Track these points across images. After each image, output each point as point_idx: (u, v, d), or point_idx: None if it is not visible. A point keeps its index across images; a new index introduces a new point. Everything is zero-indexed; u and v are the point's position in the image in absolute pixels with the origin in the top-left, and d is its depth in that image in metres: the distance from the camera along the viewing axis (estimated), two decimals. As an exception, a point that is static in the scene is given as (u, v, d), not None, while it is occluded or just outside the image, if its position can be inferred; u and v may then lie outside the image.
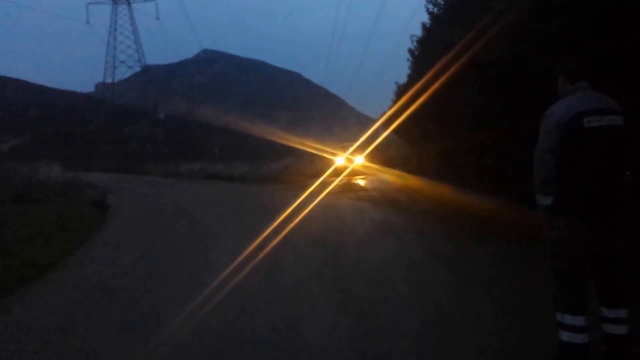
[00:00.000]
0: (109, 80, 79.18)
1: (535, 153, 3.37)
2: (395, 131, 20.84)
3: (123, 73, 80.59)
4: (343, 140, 28.54)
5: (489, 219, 8.48)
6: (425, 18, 11.14)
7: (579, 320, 3.20)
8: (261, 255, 7.30)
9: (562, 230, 3.32)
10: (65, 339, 4.30)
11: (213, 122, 76.50)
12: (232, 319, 4.62)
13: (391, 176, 21.79)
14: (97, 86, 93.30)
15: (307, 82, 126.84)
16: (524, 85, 6.15)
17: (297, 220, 10.56)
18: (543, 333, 3.80)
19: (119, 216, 12.07)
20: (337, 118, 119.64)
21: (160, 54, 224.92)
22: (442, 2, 10.17)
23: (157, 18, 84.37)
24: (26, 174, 20.48)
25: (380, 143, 23.74)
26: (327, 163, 23.52)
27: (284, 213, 11.50)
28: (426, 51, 10.97)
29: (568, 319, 3.23)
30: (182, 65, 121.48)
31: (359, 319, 4.45)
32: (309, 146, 26.47)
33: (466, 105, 8.20)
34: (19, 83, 76.47)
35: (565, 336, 3.23)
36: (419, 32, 11.89)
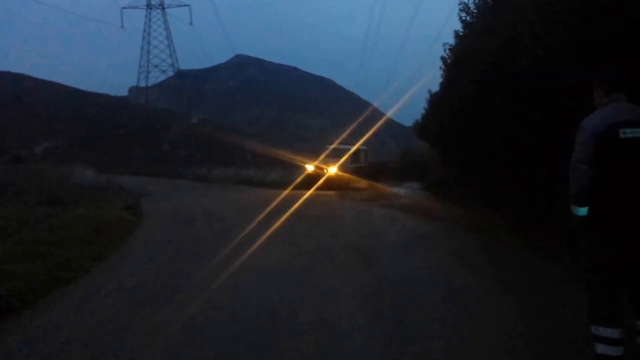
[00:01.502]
0: (142, 85, 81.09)
1: (571, 164, 3.38)
2: (424, 139, 20.64)
3: (156, 77, 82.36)
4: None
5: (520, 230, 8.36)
6: (458, 26, 11.09)
7: (614, 333, 3.19)
8: (295, 260, 7.37)
9: (596, 242, 3.32)
10: (98, 342, 4.38)
11: (245, 128, 77.43)
12: (265, 324, 4.67)
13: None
14: (130, 90, 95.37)
15: (340, 89, 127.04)
16: (555, 96, 6.05)
17: (329, 226, 10.65)
18: (575, 344, 3.76)
19: (153, 220, 12.28)
20: (369, 125, 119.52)
21: (194, 58, 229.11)
22: (475, 11, 10.08)
23: (191, 23, 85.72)
24: (60, 177, 21.07)
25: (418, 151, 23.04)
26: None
27: (317, 219, 11.57)
28: (458, 59, 10.87)
29: (602, 331, 3.22)
30: (215, 70, 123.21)
31: (392, 326, 4.48)
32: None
33: (496, 115, 8.10)
34: (54, 86, 78.75)
35: (600, 348, 3.23)
36: (451, 40, 11.82)
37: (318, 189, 19.22)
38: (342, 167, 20.79)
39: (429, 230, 10.07)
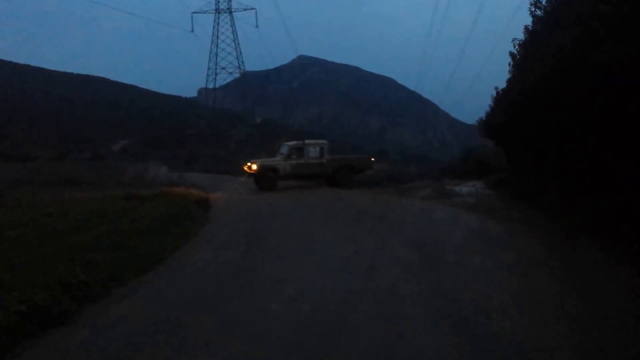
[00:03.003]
0: (210, 86, 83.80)
1: None
2: (489, 137, 20.12)
3: (223, 79, 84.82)
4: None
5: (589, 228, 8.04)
6: (527, 21, 10.83)
7: None
8: (357, 256, 7.44)
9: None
10: (175, 328, 4.64)
11: (306, 127, 78.31)
12: (331, 318, 4.77)
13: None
14: (199, 91, 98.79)
15: (401, 87, 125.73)
16: (636, 92, 5.80)
17: (391, 224, 10.64)
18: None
19: (221, 214, 12.75)
20: (430, 124, 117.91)
21: (258, 60, 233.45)
22: (547, 5, 9.79)
23: (257, 26, 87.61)
24: (136, 173, 22.23)
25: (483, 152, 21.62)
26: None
27: (375, 215, 11.59)
28: (528, 54, 10.60)
29: None
30: (278, 71, 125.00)
31: (457, 324, 4.44)
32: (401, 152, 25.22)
33: (568, 111, 7.83)
34: (129, 88, 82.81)
35: None
36: (517, 35, 11.52)
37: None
38: (272, 164, 20.08)
39: (494, 229, 9.85)
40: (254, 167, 19.66)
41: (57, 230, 8.75)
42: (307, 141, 20.75)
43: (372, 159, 22.36)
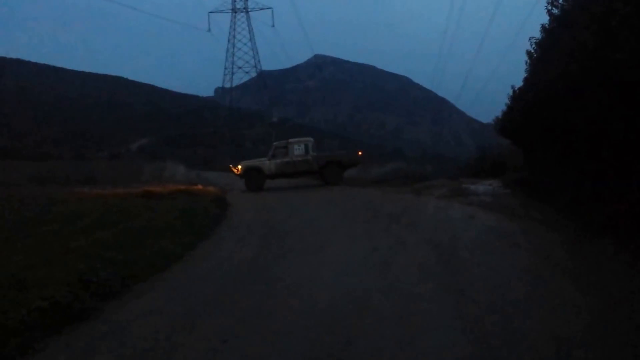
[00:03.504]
0: (227, 85, 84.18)
1: None
2: (505, 136, 19.97)
3: (240, 78, 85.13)
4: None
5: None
6: (543, 19, 10.71)
7: None
8: (372, 254, 7.46)
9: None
10: (193, 324, 4.72)
11: (323, 125, 78.56)
12: (347, 316, 4.79)
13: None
14: (216, 91, 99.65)
15: (417, 86, 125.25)
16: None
17: (407, 222, 10.65)
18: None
19: (237, 212, 12.87)
20: (446, 122, 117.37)
21: (274, 59, 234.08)
22: (564, 3, 9.69)
23: (273, 25, 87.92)
24: (154, 172, 22.51)
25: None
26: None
27: (391, 214, 11.59)
28: (545, 53, 10.51)
29: None
30: (295, 70, 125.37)
31: (473, 324, 4.44)
32: (416, 150, 25.10)
33: (585, 110, 7.77)
34: (147, 87, 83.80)
35: None
36: (534, 34, 11.41)
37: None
38: (256, 164, 20.64)
39: (511, 228, 9.79)
40: (239, 167, 20.22)
41: (77, 227, 8.92)
42: (291, 140, 21.11)
43: (360, 154, 22.43)
